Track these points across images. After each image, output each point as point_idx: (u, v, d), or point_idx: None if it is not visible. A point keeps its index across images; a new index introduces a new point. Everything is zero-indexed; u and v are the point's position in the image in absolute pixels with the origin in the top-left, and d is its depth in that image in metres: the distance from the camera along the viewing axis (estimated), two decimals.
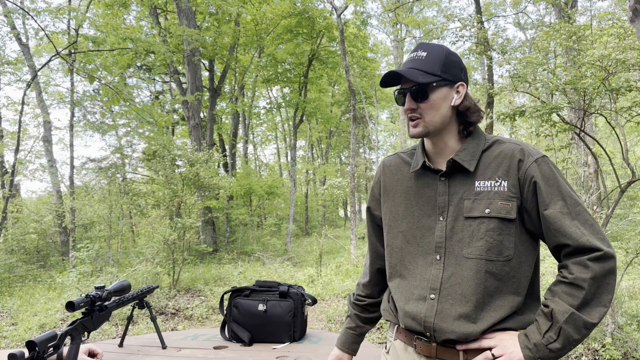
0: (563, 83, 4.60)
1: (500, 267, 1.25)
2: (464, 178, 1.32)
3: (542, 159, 1.28)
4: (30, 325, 6.19)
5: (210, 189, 10.57)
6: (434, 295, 1.30)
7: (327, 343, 2.26)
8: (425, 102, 1.31)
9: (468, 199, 1.30)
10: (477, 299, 1.25)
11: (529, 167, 1.27)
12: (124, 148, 15.78)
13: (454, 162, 1.32)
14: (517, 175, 1.27)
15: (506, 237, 1.26)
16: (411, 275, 1.38)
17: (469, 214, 1.29)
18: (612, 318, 4.51)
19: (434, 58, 1.31)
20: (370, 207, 1.59)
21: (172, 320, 6.65)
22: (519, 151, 1.29)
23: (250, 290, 2.39)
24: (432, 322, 1.28)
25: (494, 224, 1.25)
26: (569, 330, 1.15)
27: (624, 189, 4.59)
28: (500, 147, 1.32)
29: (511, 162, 1.28)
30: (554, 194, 1.25)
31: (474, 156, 1.32)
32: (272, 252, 13.66)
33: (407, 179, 1.45)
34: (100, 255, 10.52)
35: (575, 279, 1.18)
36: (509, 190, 1.27)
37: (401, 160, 1.51)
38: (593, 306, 1.16)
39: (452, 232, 1.31)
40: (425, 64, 1.31)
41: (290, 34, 16.05)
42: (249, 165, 24.29)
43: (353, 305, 1.66)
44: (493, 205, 1.26)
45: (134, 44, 11.03)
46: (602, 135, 13.87)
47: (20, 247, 12.11)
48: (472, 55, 11.53)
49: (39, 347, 1.53)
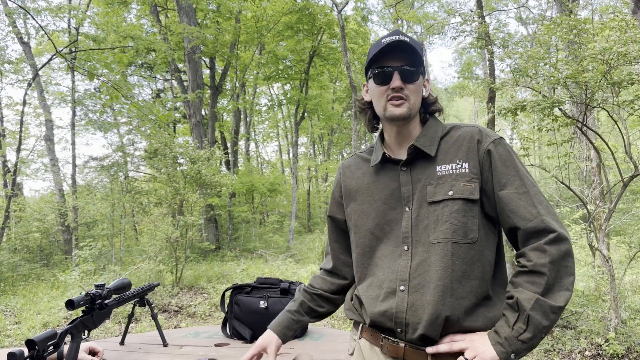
0: (564, 77, 4.58)
1: (466, 249, 1.22)
2: (425, 164, 1.31)
3: (499, 140, 1.29)
4: (33, 323, 6.20)
5: (212, 186, 10.56)
6: (403, 287, 1.26)
7: (329, 340, 2.25)
8: (414, 84, 1.31)
9: (430, 184, 1.29)
10: (444, 284, 1.21)
11: (487, 147, 1.27)
12: (126, 146, 15.80)
13: (415, 148, 1.31)
14: (477, 156, 1.27)
15: (470, 218, 1.24)
16: (380, 271, 1.34)
17: (432, 198, 1.27)
18: (615, 313, 4.50)
19: (417, 46, 1.30)
20: (332, 214, 1.55)
21: (175, 317, 6.66)
22: (477, 132, 1.30)
23: (251, 287, 2.39)
24: (404, 317, 1.24)
25: (458, 205, 1.24)
26: (537, 317, 1.12)
27: (627, 183, 4.58)
28: (459, 132, 1.33)
29: (470, 143, 1.29)
30: (510, 174, 1.24)
31: (433, 141, 1.32)
32: (274, 249, 13.67)
33: (368, 176, 1.43)
34: (103, 254, 10.55)
35: (535, 266, 1.16)
36: (470, 171, 1.26)
37: (360, 159, 1.49)
38: (556, 290, 1.14)
39: (417, 220, 1.28)
40: (414, 54, 1.31)
41: (290, 31, 16.01)
42: (250, 162, 24.29)
43: (302, 292, 1.57)
44: (456, 187, 1.25)
45: (134, 42, 11.01)
46: (604, 129, 13.82)
47: (23, 246, 12.15)
48: (473, 50, 11.49)
49: (39, 346, 1.52)
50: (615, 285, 4.55)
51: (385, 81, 1.31)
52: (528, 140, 6.45)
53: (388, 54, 1.30)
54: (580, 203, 6.11)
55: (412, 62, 1.30)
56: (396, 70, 1.29)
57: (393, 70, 1.29)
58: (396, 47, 1.28)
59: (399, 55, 1.30)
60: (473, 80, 19.42)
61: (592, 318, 4.82)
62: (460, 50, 22.46)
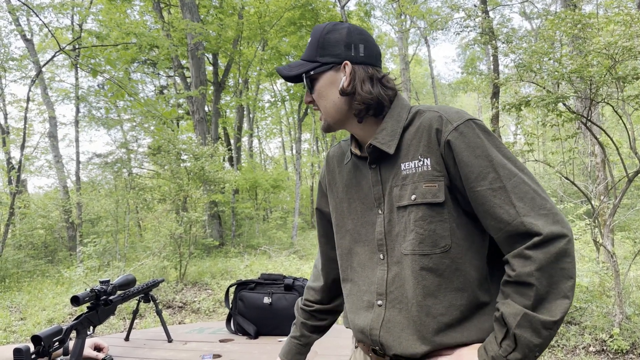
0: (569, 72, 4.56)
1: (437, 260, 1.06)
2: (390, 163, 1.14)
3: (465, 124, 1.05)
4: (38, 319, 6.23)
5: (216, 182, 10.58)
6: (381, 302, 1.14)
7: (332, 335, 2.25)
8: (314, 93, 1.18)
9: (396, 185, 1.12)
10: (417, 302, 1.07)
11: (448, 136, 1.05)
12: (130, 143, 15.80)
13: (373, 147, 1.14)
14: (438, 149, 1.07)
15: (438, 224, 1.06)
16: (360, 278, 1.22)
17: (399, 202, 1.11)
18: (619, 308, 4.49)
19: (312, 42, 1.17)
20: (319, 206, 1.43)
21: (179, 313, 6.68)
22: (436, 119, 1.08)
23: (255, 283, 2.39)
24: (378, 335, 1.12)
25: (422, 212, 1.06)
26: (525, 335, 0.93)
27: (632, 179, 4.56)
28: (420, 119, 1.12)
29: (430, 134, 1.08)
30: (481, 165, 1.02)
31: (393, 135, 1.13)
32: (278, 245, 13.69)
33: (346, 171, 1.28)
34: (107, 250, 10.58)
35: (519, 276, 0.96)
36: (433, 168, 1.07)
37: (342, 151, 1.33)
38: (551, 300, 0.95)
39: (390, 226, 1.14)
40: (306, 51, 1.18)
41: (293, 27, 15.97)
42: (254, 159, 24.30)
43: (300, 312, 1.48)
44: (418, 190, 1.07)
45: (137, 39, 11.01)
46: (609, 124, 13.77)
47: (28, 242, 12.20)
48: (477, 45, 11.44)
49: (44, 342, 1.53)
50: (619, 281, 4.53)
51: None
52: (532, 135, 6.43)
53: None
54: (584, 198, 6.09)
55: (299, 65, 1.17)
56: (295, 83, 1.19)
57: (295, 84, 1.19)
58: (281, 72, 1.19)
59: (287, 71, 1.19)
60: (477, 76, 19.34)
61: (597, 314, 4.81)
62: (463, 45, 22.37)
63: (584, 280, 5.53)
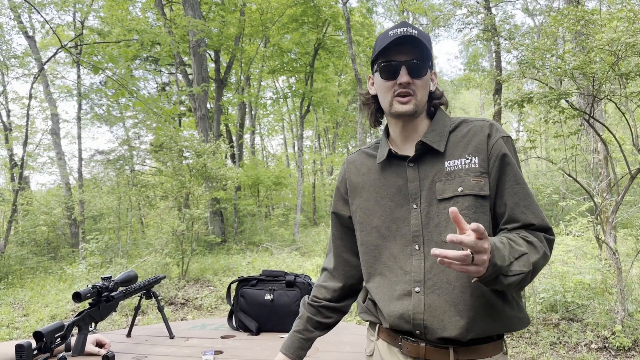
0: (572, 68, 4.54)
1: None
2: (433, 160, 1.27)
3: (509, 137, 1.26)
4: (41, 316, 6.26)
5: (218, 179, 10.58)
6: (419, 289, 1.22)
7: (333, 332, 2.25)
8: (421, 79, 1.26)
9: (440, 180, 1.24)
10: (462, 284, 1.18)
11: (496, 141, 1.23)
12: (132, 140, 15.84)
13: (423, 143, 1.26)
14: (486, 151, 1.23)
15: (481, 215, 1.20)
16: (391, 271, 1.29)
17: (442, 195, 1.23)
18: (622, 305, 4.48)
19: (426, 39, 1.25)
20: (336, 210, 1.50)
21: (181, 310, 6.69)
22: (488, 127, 1.26)
23: (257, 279, 2.39)
24: (422, 319, 1.21)
25: (469, 202, 1.20)
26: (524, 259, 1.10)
27: (634, 176, 4.54)
28: (469, 126, 1.29)
29: (480, 137, 1.24)
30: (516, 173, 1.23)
31: (442, 136, 1.27)
32: (280, 242, 13.70)
33: (374, 172, 1.38)
34: (109, 247, 10.62)
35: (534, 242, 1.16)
36: (480, 166, 1.22)
37: (365, 155, 1.44)
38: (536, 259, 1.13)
39: (427, 219, 1.24)
40: (425, 45, 1.25)
41: (295, 23, 15.94)
42: (256, 156, 24.31)
43: (306, 307, 1.52)
44: (465, 183, 1.21)
45: (139, 36, 11.00)
46: (611, 121, 13.72)
47: (30, 239, 12.24)
48: (479, 42, 11.41)
49: (46, 338, 1.54)
50: (622, 278, 4.53)
51: (392, 76, 1.26)
52: (535, 132, 6.41)
53: (395, 47, 1.24)
54: (587, 195, 6.08)
55: (420, 56, 1.25)
56: (404, 65, 1.23)
57: (400, 65, 1.23)
58: (404, 40, 1.22)
59: (406, 49, 1.24)
60: (479, 73, 19.30)
61: (599, 311, 4.81)
62: (466, 42, 22.30)
63: (586, 277, 5.52)
